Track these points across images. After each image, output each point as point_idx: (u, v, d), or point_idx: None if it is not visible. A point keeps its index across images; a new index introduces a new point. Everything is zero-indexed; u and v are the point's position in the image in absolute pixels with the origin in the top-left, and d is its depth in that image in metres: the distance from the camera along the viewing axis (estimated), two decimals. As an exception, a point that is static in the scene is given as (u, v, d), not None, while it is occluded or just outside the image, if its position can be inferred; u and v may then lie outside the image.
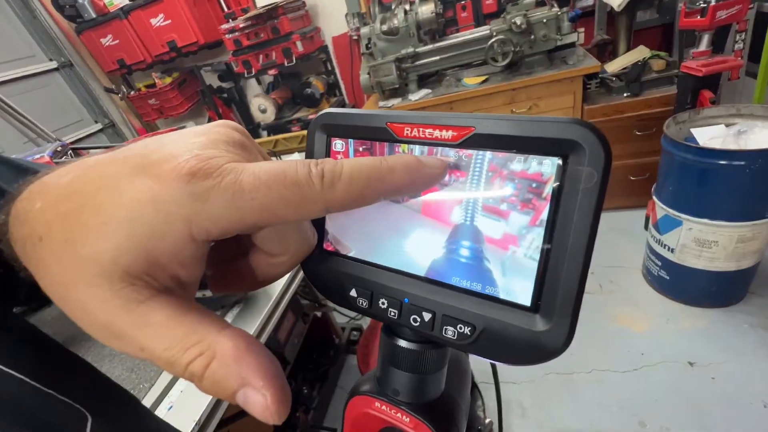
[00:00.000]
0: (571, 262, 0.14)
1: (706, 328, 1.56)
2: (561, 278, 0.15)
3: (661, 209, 1.56)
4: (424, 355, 0.19)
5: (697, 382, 1.39)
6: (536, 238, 0.15)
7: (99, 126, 3.08)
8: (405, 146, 0.17)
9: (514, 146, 0.15)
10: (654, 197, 1.60)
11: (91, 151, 0.99)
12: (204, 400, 0.66)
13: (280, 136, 1.88)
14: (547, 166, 0.15)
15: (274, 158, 1.27)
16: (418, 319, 0.17)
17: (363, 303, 0.19)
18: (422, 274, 0.17)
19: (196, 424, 0.63)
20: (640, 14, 2.13)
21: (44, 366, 0.24)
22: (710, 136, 1.41)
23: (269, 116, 2.75)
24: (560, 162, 0.14)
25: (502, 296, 0.16)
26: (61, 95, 2.91)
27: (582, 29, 2.09)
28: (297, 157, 1.55)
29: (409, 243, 0.18)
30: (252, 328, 0.80)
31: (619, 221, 2.19)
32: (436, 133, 0.16)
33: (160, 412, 0.65)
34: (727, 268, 1.48)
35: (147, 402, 0.66)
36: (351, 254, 0.19)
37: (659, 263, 1.66)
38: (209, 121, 3.19)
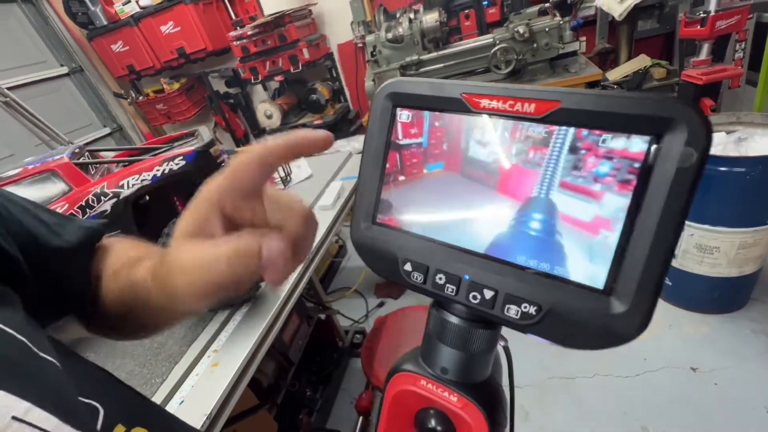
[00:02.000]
0: (657, 245, 0.14)
1: (708, 334, 1.57)
2: (643, 261, 0.14)
3: (662, 215, 1.57)
4: (477, 334, 0.19)
5: (699, 388, 1.39)
6: (618, 219, 0.14)
7: (107, 130, 3.13)
8: (484, 117, 0.16)
9: (603, 123, 0.14)
10: (656, 203, 1.62)
11: (105, 153, 1.02)
12: (214, 395, 0.68)
13: (286, 141, 1.91)
14: (637, 144, 0.14)
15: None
16: (478, 297, 0.17)
17: (417, 278, 0.18)
18: (484, 251, 0.17)
19: (207, 417, 0.64)
20: (641, 23, 2.16)
21: (79, 370, 0.27)
22: (711, 143, 1.43)
23: (275, 122, 2.79)
24: (653, 140, 0.14)
25: (572, 278, 0.16)
26: (71, 99, 2.96)
27: (584, 38, 2.12)
28: (303, 161, 1.57)
29: (474, 219, 0.17)
30: (259, 327, 0.82)
31: (621, 227, 2.20)
32: (518, 105, 0.15)
33: (172, 407, 0.67)
34: (729, 274, 1.49)
35: (159, 396, 0.68)
36: (407, 228, 0.19)
37: (661, 269, 1.67)
38: (215, 125, 3.24)
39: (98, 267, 0.38)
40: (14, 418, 0.21)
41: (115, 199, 0.77)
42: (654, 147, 0.14)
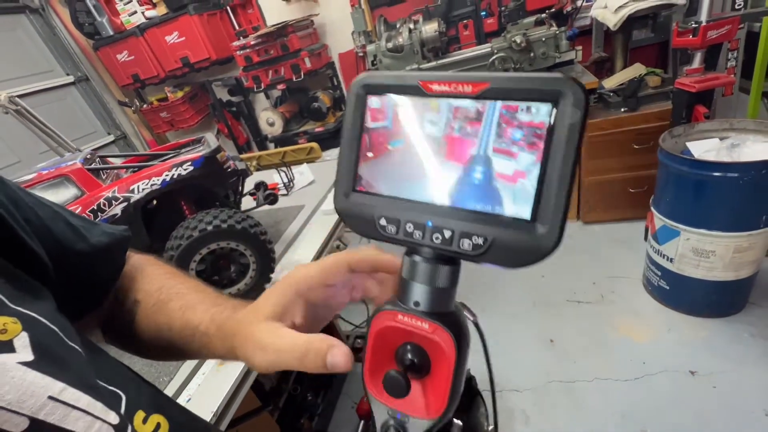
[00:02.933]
0: (561, 181, 0.19)
1: (706, 338, 1.58)
2: (554, 194, 0.19)
3: (659, 220, 1.60)
4: (441, 270, 0.23)
5: (698, 391, 1.40)
6: (536, 165, 0.19)
7: (111, 137, 3.18)
8: (434, 101, 0.22)
9: (519, 96, 0.19)
10: (652, 208, 1.64)
11: (114, 159, 1.05)
12: (220, 394, 0.70)
13: (288, 148, 1.94)
14: (544, 109, 0.19)
15: (284, 168, 1.32)
16: (440, 237, 0.21)
17: (391, 230, 0.23)
18: (440, 202, 0.22)
19: (213, 415, 0.66)
20: (636, 33, 2.21)
21: (101, 361, 0.30)
22: (705, 149, 1.46)
23: (277, 129, 2.83)
24: (553, 105, 0.19)
25: (507, 214, 0.20)
26: (77, 108, 3.01)
27: (580, 47, 2.17)
28: (305, 167, 1.60)
29: (430, 179, 0.22)
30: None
31: (619, 232, 2.23)
32: (459, 87, 0.20)
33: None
34: (726, 277, 1.51)
35: (167, 394, 0.70)
36: (380, 192, 0.23)
37: (659, 273, 1.69)
38: (218, 133, 3.28)
39: (135, 289, 0.40)
40: (50, 397, 0.23)
41: (125, 203, 0.80)
42: (554, 110, 0.19)
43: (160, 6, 2.65)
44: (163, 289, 0.40)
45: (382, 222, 0.23)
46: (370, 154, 0.24)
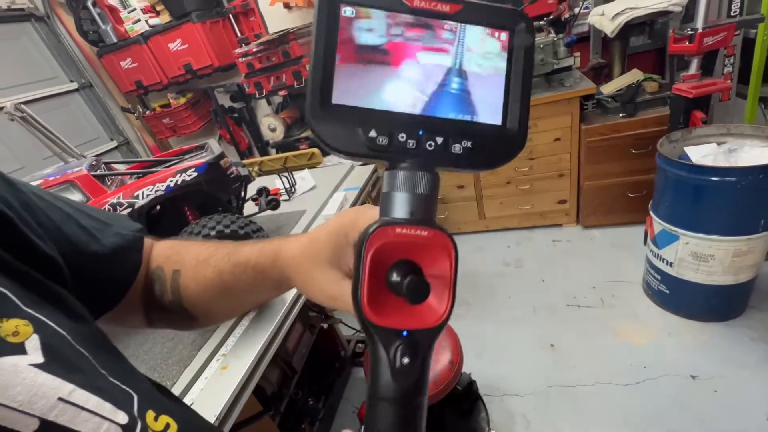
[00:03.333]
0: (523, 92, 0.23)
1: (707, 342, 1.58)
2: (519, 102, 0.23)
3: (658, 224, 1.60)
4: (429, 177, 0.24)
5: (699, 396, 1.40)
6: (502, 80, 0.23)
7: (114, 143, 3.20)
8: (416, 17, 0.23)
9: (485, 22, 0.23)
10: (651, 213, 1.65)
11: (118, 166, 1.07)
12: (223, 398, 0.70)
13: (289, 154, 1.96)
14: (504, 35, 0.23)
15: (285, 174, 1.34)
16: (433, 144, 0.23)
17: (383, 141, 0.22)
18: (424, 113, 0.23)
19: (216, 418, 0.67)
20: (633, 39, 2.23)
21: (112, 363, 0.31)
22: (702, 154, 1.48)
23: (278, 135, 2.85)
24: (511, 32, 0.23)
25: (483, 121, 0.23)
26: (80, 114, 3.04)
27: (578, 53, 2.20)
28: (306, 173, 1.62)
29: (412, 92, 0.23)
30: (266, 332, 0.85)
31: (618, 237, 2.23)
32: (438, 6, 0.23)
33: (182, 408, 0.70)
34: (725, 282, 1.51)
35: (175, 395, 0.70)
36: (365, 105, 0.23)
37: (659, 277, 1.69)
38: (220, 138, 3.30)
39: (172, 262, 0.43)
40: (60, 399, 0.24)
41: (130, 209, 0.81)
42: (513, 35, 0.23)
43: (163, 14, 2.68)
44: (199, 252, 0.42)
45: (372, 134, 0.22)
46: (347, 67, 0.22)
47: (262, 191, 1.14)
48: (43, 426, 0.23)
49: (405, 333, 0.23)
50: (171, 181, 0.84)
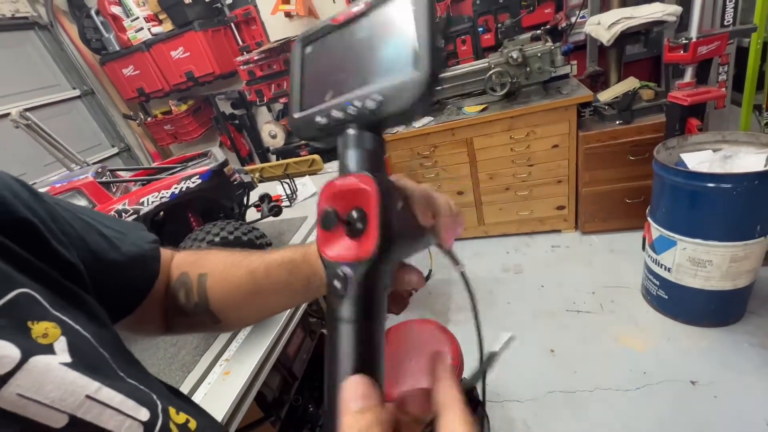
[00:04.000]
0: (430, 35, 0.24)
1: (706, 347, 1.59)
2: (423, 44, 0.24)
3: (656, 230, 1.62)
4: (365, 134, 0.27)
5: (699, 401, 1.41)
6: (407, 34, 0.25)
7: (115, 150, 3.22)
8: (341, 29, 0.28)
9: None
10: (649, 218, 1.67)
11: (122, 173, 1.08)
12: (226, 402, 0.71)
13: (290, 160, 1.97)
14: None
15: (287, 180, 1.35)
16: (354, 108, 0.26)
17: (323, 120, 0.28)
18: (355, 92, 0.27)
19: (220, 423, 0.67)
20: (629, 48, 2.27)
21: (129, 365, 0.32)
22: (698, 160, 1.50)
23: (279, 141, 2.88)
24: None
25: (399, 78, 0.25)
26: (82, 121, 3.06)
27: (575, 62, 2.23)
28: (307, 179, 1.63)
29: (342, 80, 0.28)
30: (269, 337, 0.85)
31: (617, 243, 2.25)
32: (355, 9, 0.27)
33: (186, 413, 0.70)
34: (723, 287, 1.52)
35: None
36: (314, 104, 0.30)
37: (657, 282, 1.70)
38: (221, 145, 3.32)
39: (197, 267, 0.45)
40: (88, 396, 0.25)
41: (135, 216, 0.82)
42: None
43: (166, 23, 2.72)
44: (226, 257, 0.45)
45: (318, 119, 0.29)
46: (309, 85, 0.31)
47: (264, 198, 1.16)
48: (72, 422, 0.24)
49: (343, 267, 0.26)
50: (176, 188, 0.85)
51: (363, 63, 0.27)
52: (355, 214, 0.26)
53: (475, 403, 1.44)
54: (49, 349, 0.25)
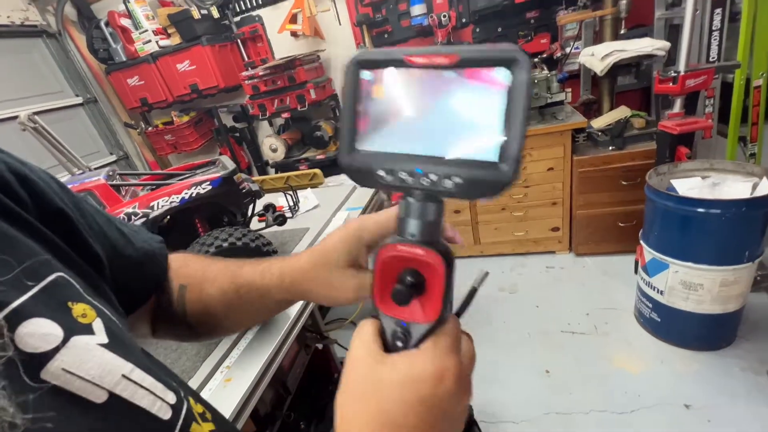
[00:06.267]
0: (520, 129, 0.23)
1: (699, 371, 1.60)
2: (514, 140, 0.23)
3: (648, 253, 1.66)
4: (429, 206, 0.28)
5: (693, 425, 1.41)
6: (500, 117, 0.23)
7: (114, 157, 3.22)
8: (415, 71, 0.26)
9: (482, 64, 0.24)
10: (641, 242, 1.71)
11: (131, 178, 1.09)
12: (228, 409, 0.70)
13: (292, 173, 1.99)
14: (503, 72, 0.23)
15: (290, 192, 1.37)
16: (428, 180, 0.26)
17: (389, 178, 0.27)
18: (426, 153, 0.26)
19: (228, 419, 0.66)
20: (621, 78, 2.38)
21: (147, 355, 0.33)
22: (688, 186, 1.56)
23: (279, 155, 2.91)
24: (510, 70, 0.23)
25: (479, 158, 0.25)
26: (82, 127, 3.07)
27: (569, 89, 2.32)
28: (309, 192, 1.65)
29: (415, 135, 0.27)
30: (271, 344, 0.85)
31: (610, 265, 2.29)
32: (437, 59, 0.25)
33: (186, 419, 0.69)
34: (714, 311, 1.55)
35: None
36: (375, 149, 0.28)
37: (650, 305, 1.73)
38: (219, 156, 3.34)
39: (178, 277, 0.44)
40: (123, 376, 0.26)
41: (144, 219, 0.83)
42: (511, 73, 0.23)
43: (174, 36, 2.78)
44: (205, 269, 0.44)
45: (380, 173, 0.28)
46: (365, 118, 0.28)
47: (269, 207, 1.17)
48: (111, 398, 0.25)
49: (403, 323, 0.28)
50: (186, 193, 0.86)
51: (440, 128, 0.26)
52: (412, 277, 0.27)
53: (470, 422, 1.43)
54: (88, 329, 0.26)
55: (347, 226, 0.37)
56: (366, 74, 0.28)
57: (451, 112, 0.25)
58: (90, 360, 0.25)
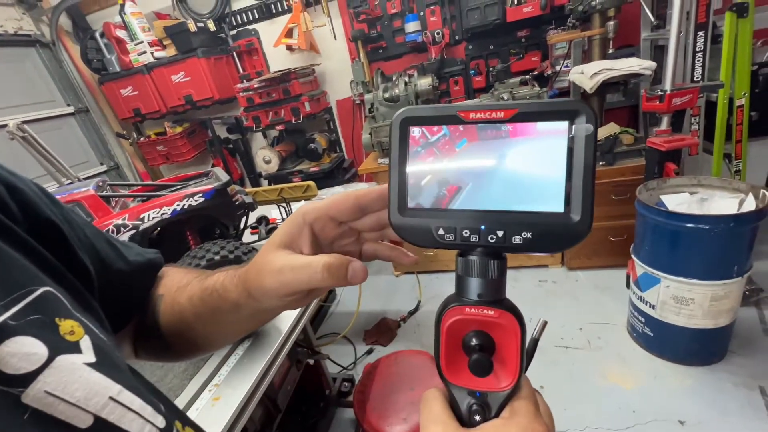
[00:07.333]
0: (586, 179, 0.23)
1: (692, 387, 1.60)
2: (581, 189, 0.23)
3: (640, 267, 1.67)
4: (495, 264, 0.26)
5: (688, 442, 1.40)
6: (562, 170, 0.23)
7: (104, 168, 3.18)
8: (471, 127, 0.26)
9: (543, 117, 0.24)
10: (633, 256, 1.73)
11: (122, 189, 1.07)
12: (218, 426, 0.67)
13: (285, 185, 1.98)
14: (563, 125, 0.23)
15: (283, 204, 1.36)
16: (495, 237, 0.25)
17: (450, 237, 0.26)
18: (488, 208, 0.25)
19: (208, 451, 0.64)
20: (609, 96, 2.44)
21: (135, 375, 0.31)
22: (677, 202, 1.58)
23: (273, 167, 2.90)
24: (570, 122, 0.23)
25: (545, 210, 0.24)
26: (72, 137, 3.04)
27: (560, 106, 2.37)
28: (303, 203, 1.64)
29: (474, 191, 0.26)
30: (261, 362, 0.83)
31: (602, 279, 2.30)
32: (494, 114, 0.24)
33: None
34: (705, 325, 1.56)
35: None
36: (432, 206, 0.27)
37: (643, 320, 1.73)
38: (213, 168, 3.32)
39: (158, 287, 0.42)
40: (111, 398, 0.25)
41: (133, 231, 0.81)
42: (572, 126, 0.23)
43: (169, 48, 2.79)
44: (183, 278, 0.42)
45: (440, 232, 0.26)
46: (416, 176, 0.27)
47: (262, 220, 1.16)
48: (97, 423, 0.23)
49: (478, 394, 0.27)
50: (177, 205, 0.85)
51: (501, 182, 0.25)
52: (484, 341, 0.26)
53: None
54: (75, 347, 0.25)
55: (298, 209, 0.35)
56: (416, 131, 0.27)
57: (512, 166, 0.25)
58: (75, 381, 0.23)
